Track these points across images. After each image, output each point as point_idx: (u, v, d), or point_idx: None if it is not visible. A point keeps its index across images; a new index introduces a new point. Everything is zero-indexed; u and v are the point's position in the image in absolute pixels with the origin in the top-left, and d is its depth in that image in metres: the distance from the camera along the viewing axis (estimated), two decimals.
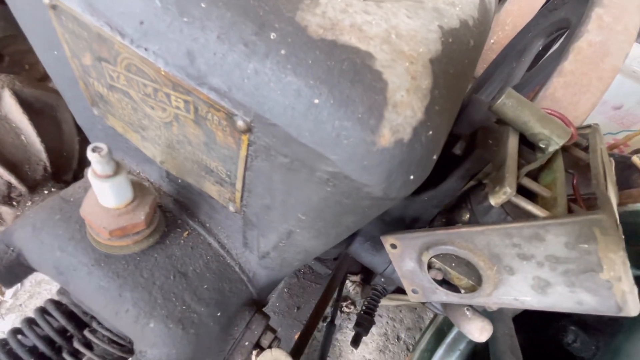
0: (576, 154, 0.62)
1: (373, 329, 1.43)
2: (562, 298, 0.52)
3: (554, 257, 0.49)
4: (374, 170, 0.28)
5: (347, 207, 0.33)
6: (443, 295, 0.66)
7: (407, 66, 0.29)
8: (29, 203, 0.63)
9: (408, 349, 1.52)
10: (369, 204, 0.32)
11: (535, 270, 0.51)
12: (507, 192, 0.48)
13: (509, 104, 0.55)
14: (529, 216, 0.50)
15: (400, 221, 0.72)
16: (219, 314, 0.54)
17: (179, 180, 0.48)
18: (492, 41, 1.84)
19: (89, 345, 0.51)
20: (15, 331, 0.54)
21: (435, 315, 1.28)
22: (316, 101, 0.28)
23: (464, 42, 0.36)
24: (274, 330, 0.59)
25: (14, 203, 0.61)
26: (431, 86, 0.30)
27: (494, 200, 0.50)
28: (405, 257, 0.66)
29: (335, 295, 1.09)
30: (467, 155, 0.62)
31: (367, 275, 1.53)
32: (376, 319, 1.37)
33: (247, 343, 0.58)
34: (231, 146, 0.36)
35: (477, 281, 0.60)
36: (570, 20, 1.10)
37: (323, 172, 0.29)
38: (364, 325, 0.89)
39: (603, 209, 0.44)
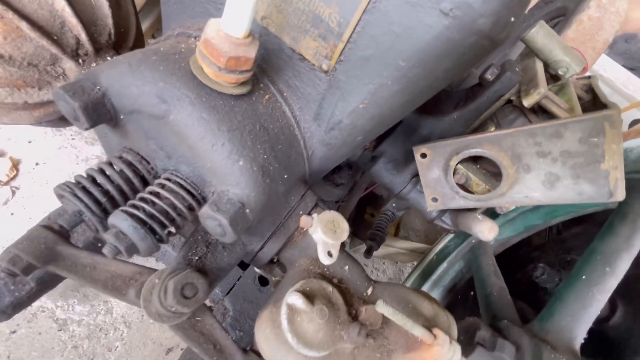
0: (579, 93, 0.75)
1: None
2: (566, 190, 0.64)
3: (567, 152, 0.60)
4: (492, 2, 0.36)
5: (452, 45, 0.40)
6: (461, 200, 0.76)
7: None
8: (94, 64, 0.63)
9: None
10: (472, 42, 0.40)
11: (549, 166, 0.63)
12: (541, 92, 0.59)
13: (541, 33, 0.66)
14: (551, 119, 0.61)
15: (427, 141, 0.81)
16: (285, 176, 0.59)
17: (272, 41, 0.53)
18: None
19: (157, 194, 0.54)
20: (87, 175, 0.55)
21: (420, 262, 1.41)
22: None
23: None
24: (322, 208, 0.66)
25: (80, 61, 0.61)
26: None
27: (528, 101, 0.61)
28: (433, 165, 0.76)
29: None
30: (496, 80, 0.72)
31: (357, 227, 1.63)
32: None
33: (300, 212, 0.64)
34: None
35: (493, 186, 0.71)
36: (568, 7, 1.26)
37: (449, 2, 0.37)
38: (376, 239, 0.99)
39: (612, 108, 0.56)
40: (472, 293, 1.14)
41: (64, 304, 1.07)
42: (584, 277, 0.70)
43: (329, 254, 0.55)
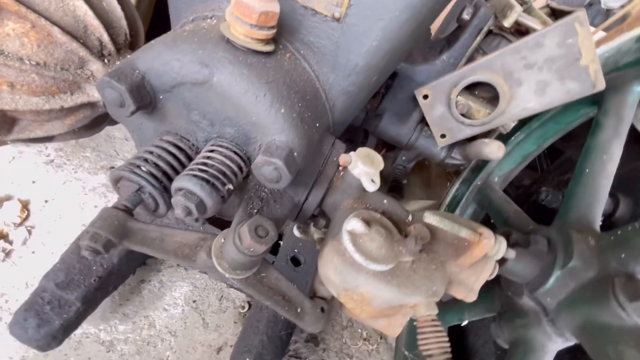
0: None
1: None
2: (556, 93, 0.73)
3: (550, 58, 0.70)
4: None
5: None
6: (467, 130, 0.84)
7: None
8: (117, 63, 0.67)
9: None
10: None
11: (537, 75, 0.72)
12: (518, 9, 0.68)
13: None
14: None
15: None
16: (317, 125, 0.65)
17: (285, 3, 0.59)
18: None
19: (208, 158, 0.59)
20: (137, 158, 0.59)
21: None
22: None
23: None
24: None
25: (105, 61, 0.65)
26: None
27: (508, 22, 0.70)
28: (436, 103, 0.84)
29: None
30: (473, 17, 0.81)
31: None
32: None
33: (335, 159, 0.69)
34: None
35: (492, 108, 0.80)
36: None
37: None
38: (397, 190, 1.05)
39: (577, 11, 0.65)
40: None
41: (106, 326, 1.06)
42: (587, 170, 0.79)
43: (373, 182, 0.61)
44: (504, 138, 1.19)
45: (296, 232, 0.83)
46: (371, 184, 0.61)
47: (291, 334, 1.04)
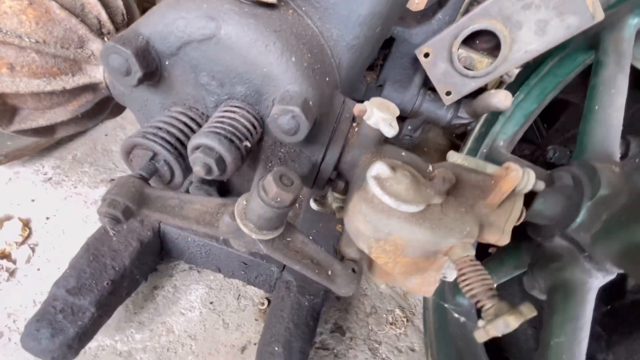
0: None
1: None
2: (556, 30, 0.73)
3: None
4: None
5: None
6: (472, 82, 0.84)
7: None
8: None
9: None
10: None
11: (535, 14, 0.72)
12: None
13: None
14: None
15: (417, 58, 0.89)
16: (327, 79, 0.64)
17: None
18: None
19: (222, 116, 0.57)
20: (150, 126, 0.57)
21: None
22: None
23: None
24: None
25: (105, 39, 0.63)
26: None
27: None
28: (437, 59, 0.84)
29: None
30: None
31: None
32: None
33: (347, 115, 0.68)
34: None
35: (494, 58, 0.80)
36: None
37: None
38: None
39: None
40: None
41: (122, 336, 1.00)
42: (596, 107, 0.79)
43: (391, 126, 0.60)
44: None
45: (313, 205, 0.81)
46: (390, 128, 0.59)
47: (317, 320, 1.00)
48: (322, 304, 1.02)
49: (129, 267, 0.93)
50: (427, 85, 1.00)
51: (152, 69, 0.56)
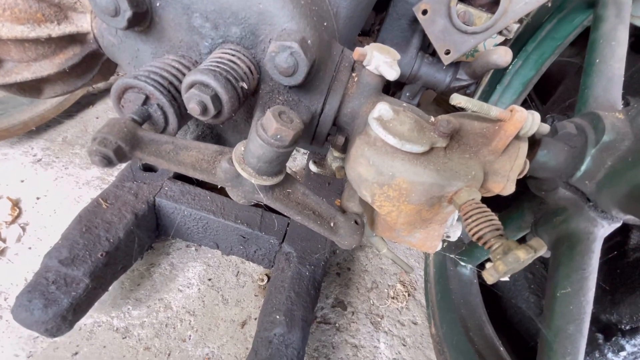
0: None
1: None
2: None
3: None
4: None
5: None
6: (471, 39, 0.83)
7: None
8: None
9: None
10: None
11: None
12: None
13: None
14: None
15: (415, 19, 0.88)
16: (325, 24, 0.62)
17: None
18: None
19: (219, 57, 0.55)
20: (144, 70, 0.54)
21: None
22: None
23: None
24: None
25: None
26: None
27: None
28: (436, 16, 0.82)
29: None
30: None
31: None
32: None
33: (346, 64, 0.66)
34: None
35: (493, 12, 0.78)
36: None
37: None
38: None
39: None
40: None
41: (118, 313, 0.98)
42: (597, 60, 0.78)
43: (393, 68, 0.58)
44: (502, 70, 1.19)
45: (312, 167, 0.79)
46: (392, 70, 0.57)
47: (319, 290, 0.98)
48: (322, 274, 1.00)
49: (124, 240, 0.91)
50: (425, 49, 0.99)
51: (143, 10, 0.54)
